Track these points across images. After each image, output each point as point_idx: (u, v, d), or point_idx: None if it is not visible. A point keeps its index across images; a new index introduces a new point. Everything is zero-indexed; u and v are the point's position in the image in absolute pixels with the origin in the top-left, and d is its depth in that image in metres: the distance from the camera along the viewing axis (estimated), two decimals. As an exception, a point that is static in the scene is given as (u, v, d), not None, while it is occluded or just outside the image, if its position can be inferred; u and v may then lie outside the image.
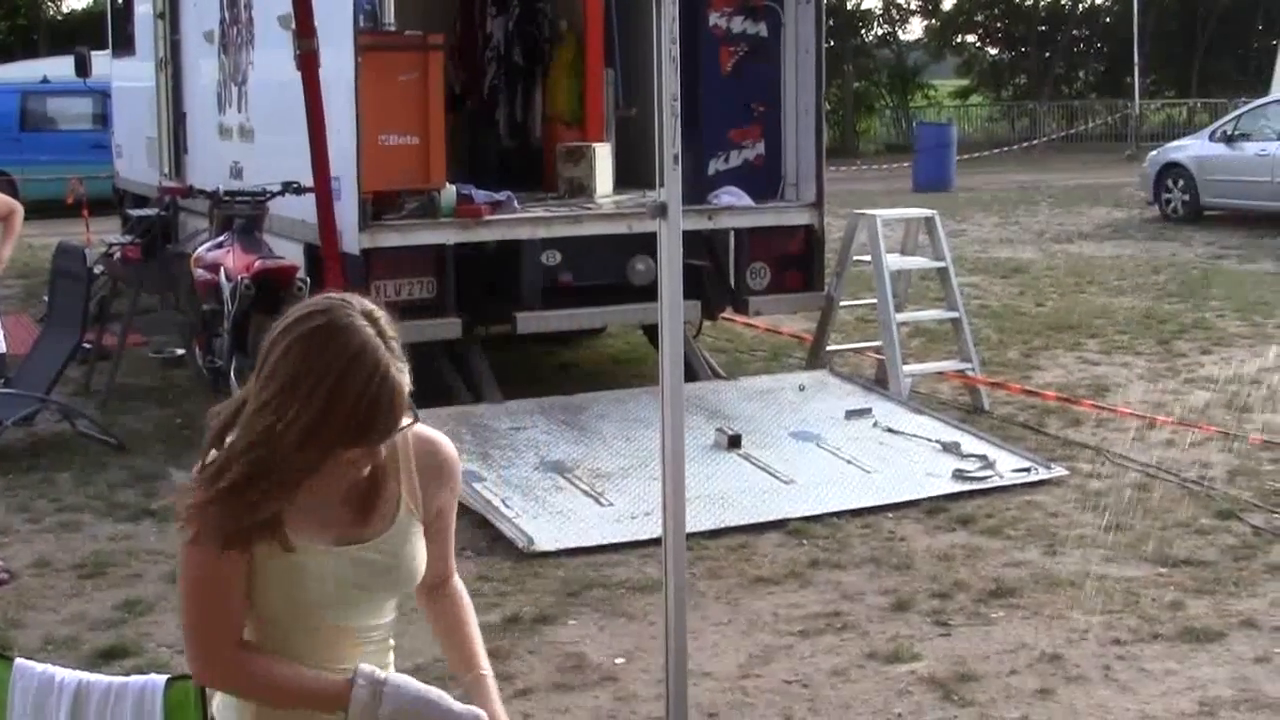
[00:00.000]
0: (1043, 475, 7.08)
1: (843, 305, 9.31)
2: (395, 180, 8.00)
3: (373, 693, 2.24)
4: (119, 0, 14.00)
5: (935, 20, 45.05)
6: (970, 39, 46.08)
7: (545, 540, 6.20)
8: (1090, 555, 6.01)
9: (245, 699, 2.35)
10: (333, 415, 2.13)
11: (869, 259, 8.81)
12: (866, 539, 6.29)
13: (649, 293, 5.46)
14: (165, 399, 9.08)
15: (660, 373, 4.04)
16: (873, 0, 44.02)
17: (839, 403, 8.06)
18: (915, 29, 59.34)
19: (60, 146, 20.56)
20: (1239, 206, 17.88)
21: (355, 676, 2.26)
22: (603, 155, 9.15)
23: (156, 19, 11.90)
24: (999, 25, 45.17)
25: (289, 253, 8.22)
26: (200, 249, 8.42)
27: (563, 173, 9.22)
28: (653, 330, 8.40)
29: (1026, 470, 7.13)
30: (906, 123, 39.46)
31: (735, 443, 7.28)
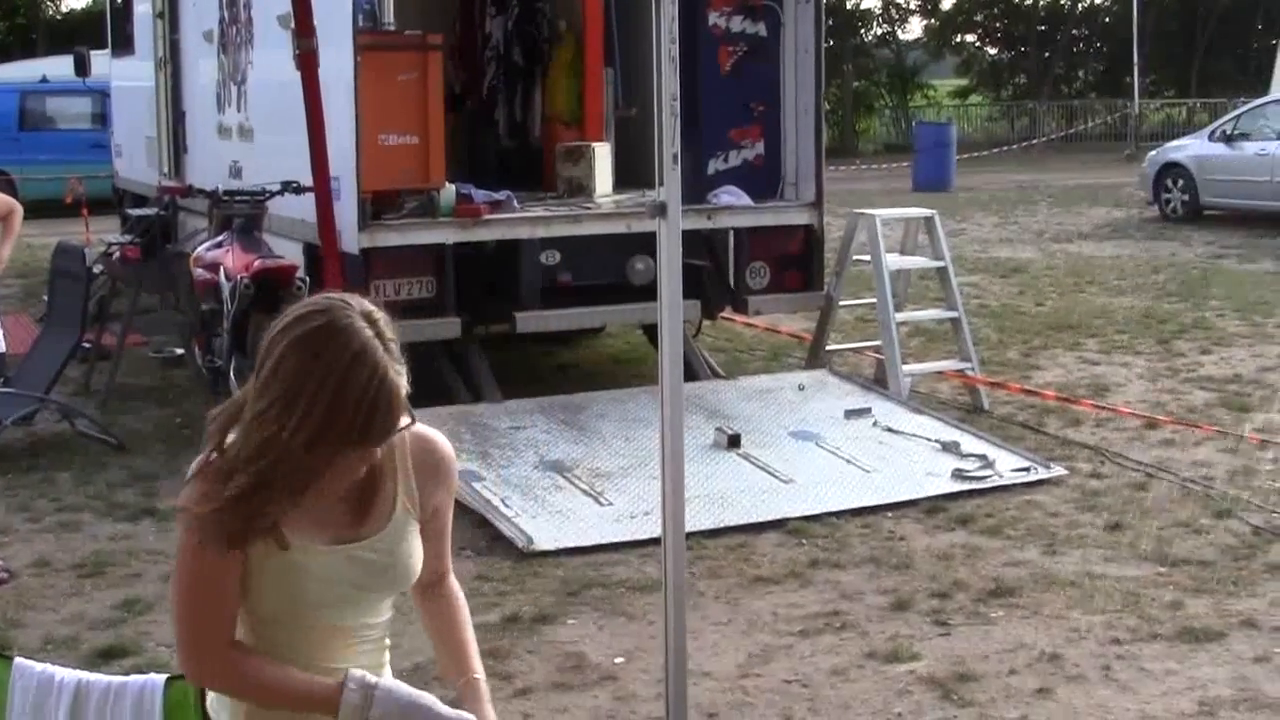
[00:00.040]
0: (1042, 475, 7.08)
1: (842, 305, 9.31)
2: (395, 180, 8.01)
3: (363, 696, 2.24)
4: (118, 0, 14.00)
5: (934, 20, 45.09)
6: (970, 39, 46.10)
7: (545, 540, 6.20)
8: (1090, 555, 6.01)
9: (235, 699, 2.35)
10: (336, 419, 2.13)
11: (868, 259, 8.81)
12: (866, 539, 6.29)
13: (648, 292, 5.45)
14: (165, 399, 9.08)
15: (660, 372, 4.04)
16: (872, 0, 44.11)
17: (838, 402, 8.06)
18: (915, 29, 59.38)
19: (59, 146, 20.54)
20: (1239, 206, 17.88)
21: (346, 680, 2.26)
22: (602, 155, 9.14)
23: (156, 18, 11.89)
24: (998, 25, 45.19)
25: (288, 252, 8.22)
26: (200, 248, 8.42)
27: (562, 172, 9.22)
28: (652, 330, 8.39)
29: (1026, 470, 7.13)
30: (906, 122, 39.45)
31: (735, 442, 7.28)
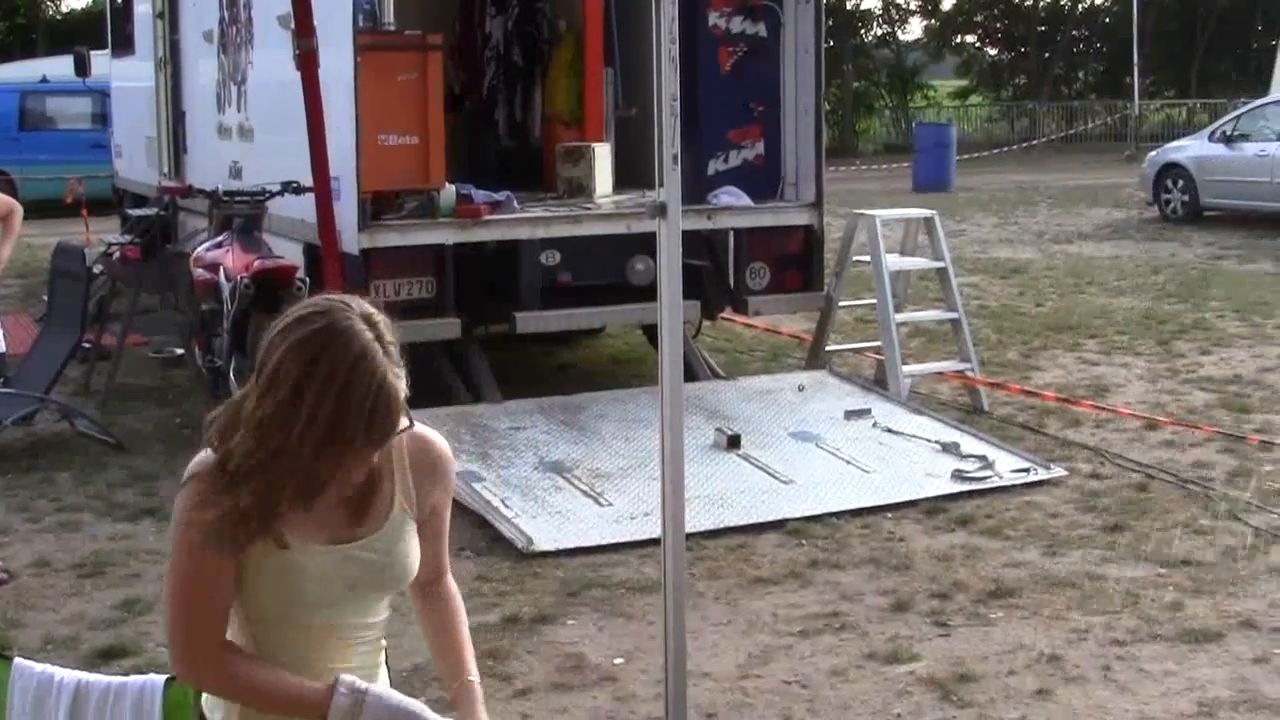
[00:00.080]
0: (1042, 476, 7.08)
1: (842, 305, 9.31)
2: (394, 180, 8.01)
3: (353, 701, 2.24)
4: (118, 0, 14.00)
5: (934, 20, 45.13)
6: (970, 39, 46.13)
7: (544, 540, 6.20)
8: (1089, 556, 6.01)
9: (225, 699, 2.35)
10: (341, 423, 2.13)
11: (868, 259, 8.81)
12: (866, 539, 6.29)
13: (648, 293, 5.46)
14: (165, 399, 9.08)
15: (659, 373, 4.04)
16: (872, 0, 44.13)
17: (838, 403, 8.06)
18: (915, 29, 59.41)
19: (59, 146, 20.54)
20: (1238, 207, 17.88)
21: (336, 684, 2.25)
22: (602, 155, 9.15)
23: (156, 19, 11.89)
24: (998, 25, 45.21)
25: (288, 252, 8.22)
26: (199, 249, 8.42)
27: (562, 173, 9.22)
28: (652, 330, 8.40)
29: (1026, 471, 7.13)
30: (906, 123, 39.47)
31: (734, 443, 7.28)
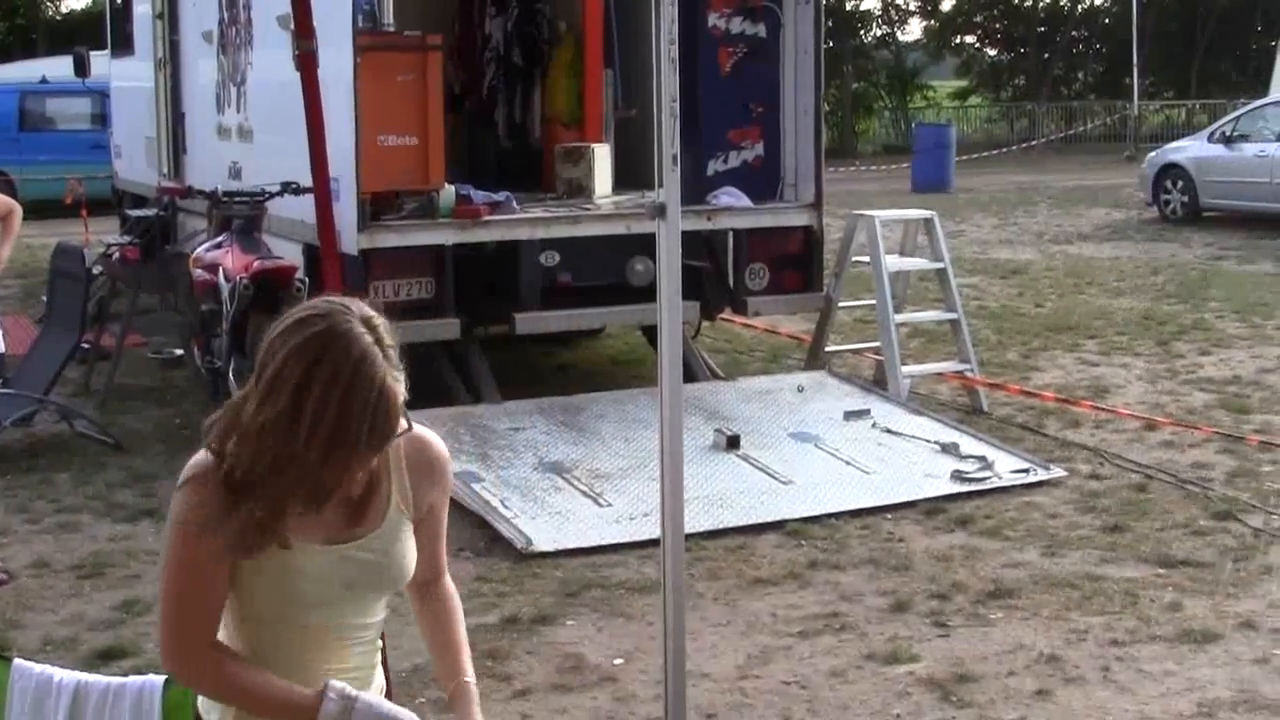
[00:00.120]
0: (1041, 476, 7.08)
1: (841, 306, 9.30)
2: (394, 181, 8.01)
3: (343, 708, 2.23)
4: (118, 0, 13.99)
5: (934, 21, 45.14)
6: (969, 40, 46.15)
7: (544, 541, 6.20)
8: (1089, 556, 6.01)
9: (214, 700, 2.34)
10: (344, 427, 2.13)
11: (868, 260, 8.81)
12: (865, 540, 6.29)
13: (648, 293, 5.45)
14: (164, 399, 9.08)
15: (659, 373, 4.04)
16: (872, 1, 44.16)
17: (838, 403, 8.06)
18: (914, 30, 59.48)
19: (59, 146, 20.53)
20: (1238, 208, 17.88)
21: (326, 690, 2.25)
22: (601, 156, 9.15)
23: (155, 19, 11.89)
24: (998, 26, 45.23)
25: (288, 253, 8.22)
26: (199, 249, 8.42)
27: (561, 173, 9.22)
28: (651, 331, 8.39)
29: (1025, 471, 7.13)
30: (905, 124, 39.48)
31: (734, 443, 7.28)
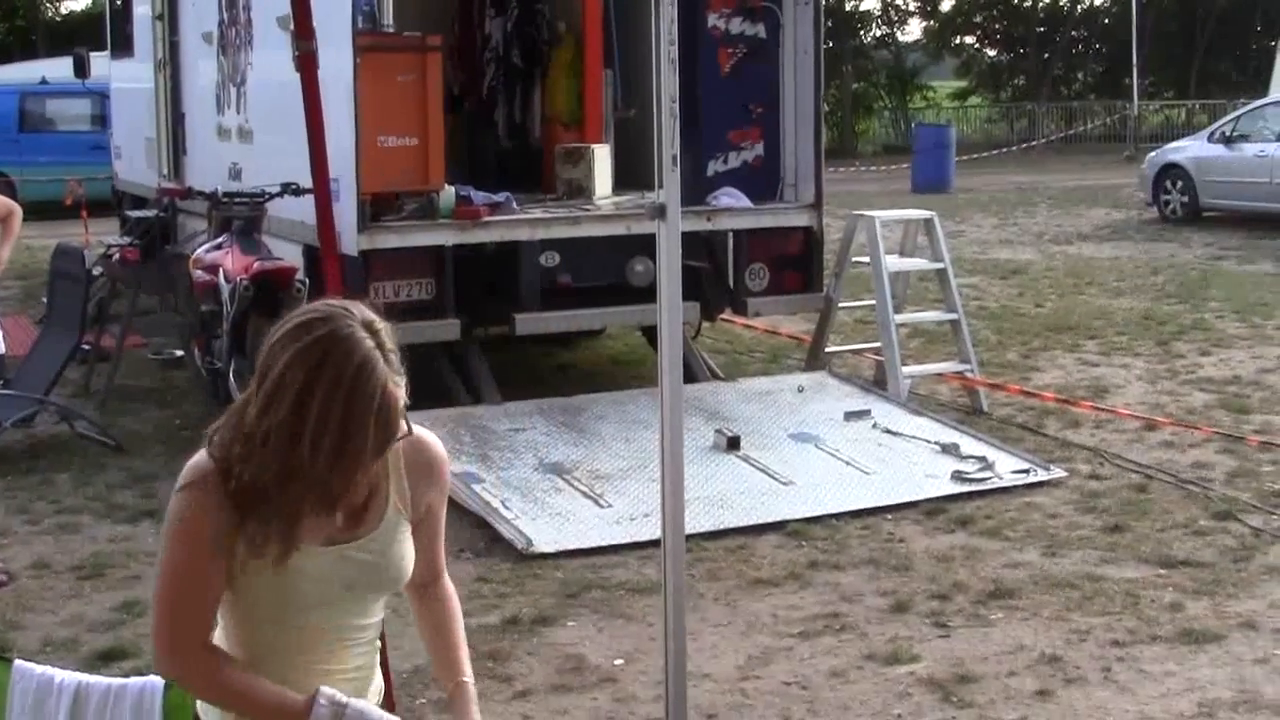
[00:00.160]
0: (1041, 476, 7.08)
1: (842, 306, 9.30)
2: (394, 181, 8.00)
3: (334, 714, 2.23)
4: (117, 1, 13.99)
5: (934, 21, 45.13)
6: (969, 40, 46.14)
7: (544, 542, 6.20)
8: (1089, 556, 6.01)
9: (204, 701, 2.34)
10: (346, 434, 2.13)
11: (868, 260, 8.81)
12: (865, 540, 6.29)
13: (648, 294, 5.45)
14: (164, 400, 9.08)
15: (659, 374, 4.04)
16: (871, 1, 44.16)
17: (838, 404, 8.06)
18: (914, 30, 59.46)
19: (59, 148, 20.52)
20: (1238, 208, 17.88)
21: (317, 696, 2.25)
22: (601, 156, 9.14)
23: (155, 20, 11.89)
24: (998, 26, 45.22)
25: (288, 254, 8.22)
26: (199, 250, 8.42)
27: (561, 174, 9.22)
28: (651, 331, 8.39)
29: (1025, 471, 7.13)
30: (905, 124, 39.48)
31: (734, 444, 7.28)
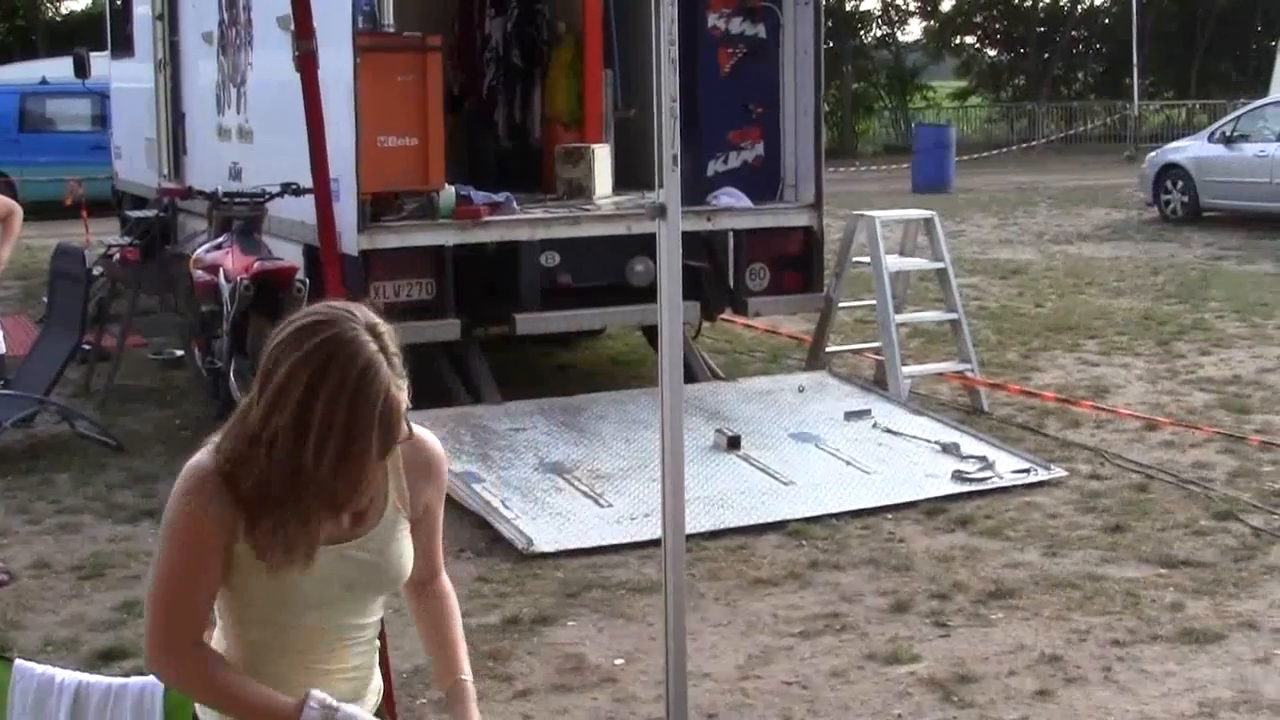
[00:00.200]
0: (1042, 476, 7.08)
1: (842, 306, 9.30)
2: (394, 181, 8.00)
3: (324, 717, 2.23)
4: (118, 1, 13.99)
5: (934, 21, 45.12)
6: (969, 40, 46.13)
7: (544, 541, 6.20)
8: (1089, 556, 6.01)
9: (195, 700, 2.34)
10: (351, 438, 2.14)
11: (868, 260, 8.81)
12: (866, 540, 6.29)
13: (648, 294, 5.46)
14: (164, 400, 9.08)
15: (659, 374, 4.04)
16: (871, 1, 44.16)
17: (838, 404, 8.06)
18: (914, 30, 59.44)
19: (59, 148, 20.52)
20: (1238, 208, 17.88)
21: (308, 699, 2.25)
22: (601, 156, 9.15)
23: (155, 20, 11.89)
24: (998, 26, 45.21)
25: (288, 254, 8.22)
26: (199, 250, 8.42)
27: (561, 174, 9.22)
28: (652, 331, 8.39)
29: (1026, 471, 7.13)
30: (905, 124, 39.47)
31: (734, 444, 7.28)
